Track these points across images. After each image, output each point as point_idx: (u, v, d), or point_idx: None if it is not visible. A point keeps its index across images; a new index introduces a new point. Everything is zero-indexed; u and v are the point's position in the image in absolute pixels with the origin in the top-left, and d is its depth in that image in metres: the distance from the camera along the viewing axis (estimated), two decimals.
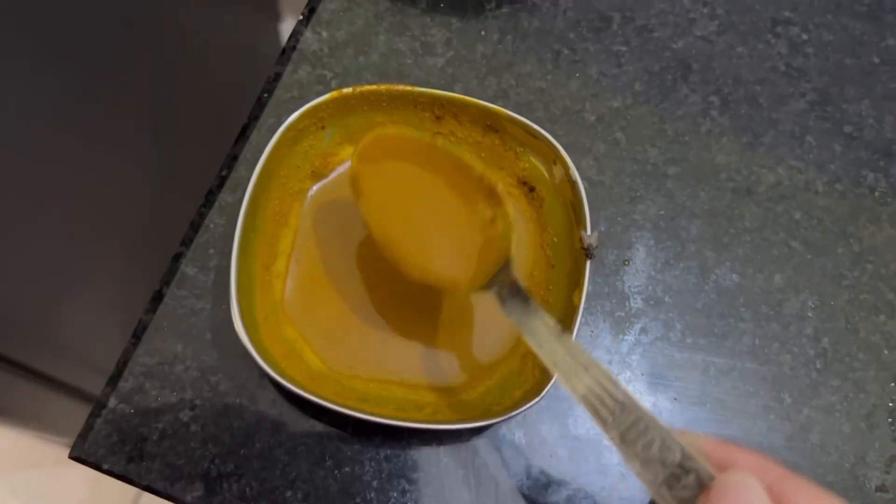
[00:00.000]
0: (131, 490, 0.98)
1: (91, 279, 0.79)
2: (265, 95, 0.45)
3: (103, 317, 0.87)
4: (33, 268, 0.66)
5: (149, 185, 0.86)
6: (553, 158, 0.41)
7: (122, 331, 0.94)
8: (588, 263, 0.39)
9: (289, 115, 0.41)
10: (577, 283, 0.38)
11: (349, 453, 0.39)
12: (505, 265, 0.34)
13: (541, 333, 0.31)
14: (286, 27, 1.19)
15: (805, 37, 0.49)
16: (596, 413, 0.27)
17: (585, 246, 0.39)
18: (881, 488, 0.40)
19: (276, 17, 1.16)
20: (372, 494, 0.38)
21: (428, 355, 0.40)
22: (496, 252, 0.35)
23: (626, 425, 0.26)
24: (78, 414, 0.93)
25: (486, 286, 0.34)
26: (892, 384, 0.42)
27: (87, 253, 0.76)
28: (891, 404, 0.42)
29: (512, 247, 0.35)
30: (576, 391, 0.28)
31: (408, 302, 0.41)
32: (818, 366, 0.42)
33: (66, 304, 0.76)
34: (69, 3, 0.56)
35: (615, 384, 0.27)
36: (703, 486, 0.24)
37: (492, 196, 0.36)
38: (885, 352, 0.43)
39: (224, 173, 0.43)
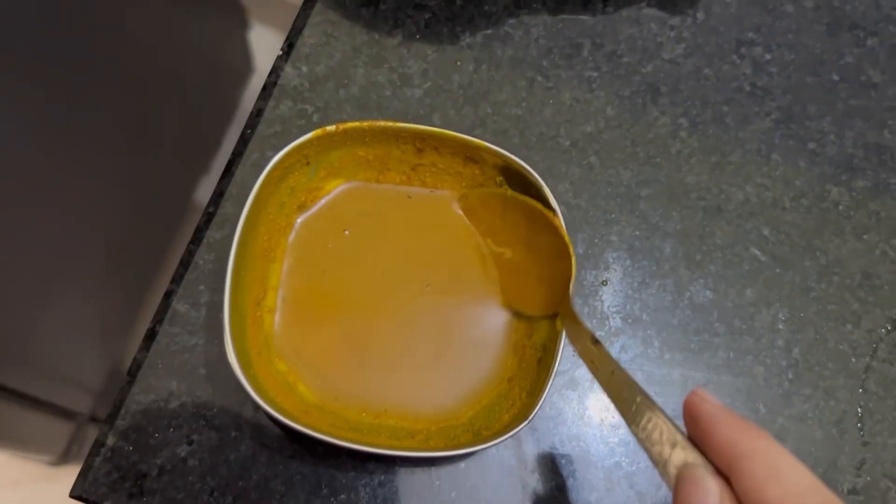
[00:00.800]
0: None
1: (64, 295, 0.79)
2: (248, 131, 0.46)
3: (78, 332, 0.87)
4: (4, 285, 0.66)
5: (120, 198, 0.86)
6: (533, 190, 0.42)
7: (97, 345, 0.94)
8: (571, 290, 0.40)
9: (272, 150, 0.43)
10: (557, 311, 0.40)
11: (344, 481, 0.40)
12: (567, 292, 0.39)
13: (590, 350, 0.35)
14: (254, 36, 1.19)
15: (768, 56, 0.51)
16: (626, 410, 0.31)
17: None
18: (853, 491, 0.42)
19: (243, 26, 1.16)
20: None
21: (417, 384, 0.41)
22: (565, 278, 0.40)
23: (644, 420, 0.29)
24: (55, 430, 0.94)
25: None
26: (860, 390, 0.44)
27: (61, 269, 0.76)
28: (859, 410, 0.44)
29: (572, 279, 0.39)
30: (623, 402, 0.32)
31: (395, 330, 0.43)
32: (790, 376, 0.44)
33: (40, 320, 0.76)
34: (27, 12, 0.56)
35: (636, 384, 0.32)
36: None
37: (552, 230, 0.41)
38: (853, 360, 0.45)
39: (211, 210, 0.44)
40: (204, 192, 1.15)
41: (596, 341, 0.34)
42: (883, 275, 0.47)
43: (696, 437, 0.26)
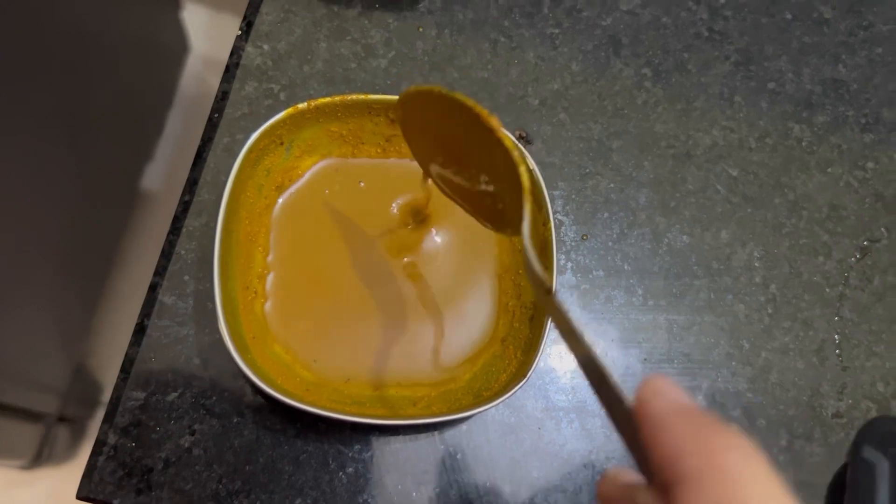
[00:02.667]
0: None
1: (19, 296, 0.77)
2: (216, 115, 0.45)
3: (37, 332, 0.86)
4: None
5: (66, 193, 0.84)
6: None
7: (58, 344, 0.93)
8: (555, 248, 0.41)
9: (242, 133, 0.42)
10: (545, 267, 0.41)
11: (350, 454, 0.40)
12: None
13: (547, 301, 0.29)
14: (187, 15, 1.17)
15: (722, 0, 0.52)
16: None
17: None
18: (836, 415, 0.44)
19: (175, 6, 1.13)
20: (377, 490, 0.40)
21: (414, 352, 0.42)
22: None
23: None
24: (25, 434, 0.92)
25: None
26: (836, 318, 0.46)
27: (12, 270, 0.74)
28: (836, 337, 0.46)
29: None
30: (574, 351, 0.27)
31: (386, 301, 0.43)
32: (769, 311, 0.46)
33: None
34: None
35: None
36: None
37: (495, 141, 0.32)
38: (827, 290, 0.47)
39: (186, 198, 0.44)
40: (150, 179, 1.12)
41: (549, 292, 0.28)
42: (848, 205, 0.48)
43: (646, 437, 0.21)
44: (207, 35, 1.26)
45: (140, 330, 0.41)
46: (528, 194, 0.30)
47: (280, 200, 0.43)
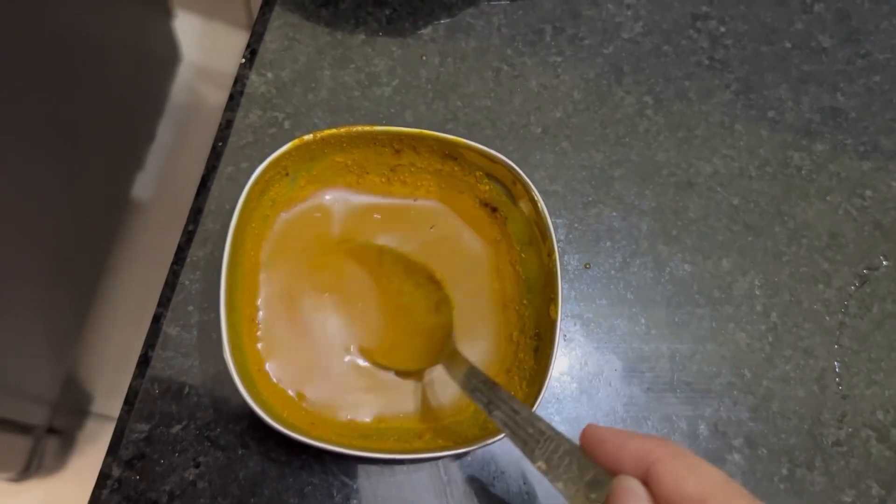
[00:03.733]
0: None
1: (8, 307, 0.77)
2: (220, 144, 0.45)
3: (26, 344, 0.85)
4: None
5: (56, 202, 0.84)
6: (512, 179, 0.43)
7: (47, 355, 0.92)
8: (560, 279, 0.41)
9: (246, 161, 0.42)
10: (551, 298, 0.41)
11: (356, 486, 0.40)
12: (450, 340, 0.40)
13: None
14: (179, 24, 1.16)
15: (723, 29, 0.53)
16: (524, 445, 0.31)
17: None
18: (836, 443, 0.45)
19: (166, 15, 1.13)
20: None
21: (418, 383, 0.42)
22: (444, 330, 0.41)
23: (549, 452, 0.30)
24: (14, 446, 0.91)
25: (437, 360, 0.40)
26: (836, 346, 0.47)
27: (2, 278, 0.74)
28: (836, 365, 0.46)
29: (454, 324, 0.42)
30: (505, 427, 0.33)
31: (387, 333, 0.43)
32: (770, 339, 0.46)
33: None
34: None
35: (537, 417, 0.32)
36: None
37: (433, 282, 0.43)
38: (827, 318, 0.47)
39: (190, 228, 0.44)
40: (140, 188, 1.12)
41: (492, 384, 0.35)
42: (847, 233, 0.49)
43: (606, 456, 0.28)
44: (200, 44, 1.26)
45: (144, 361, 0.41)
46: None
47: (272, 230, 0.44)
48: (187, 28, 1.22)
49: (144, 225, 1.10)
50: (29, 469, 0.99)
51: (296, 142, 0.41)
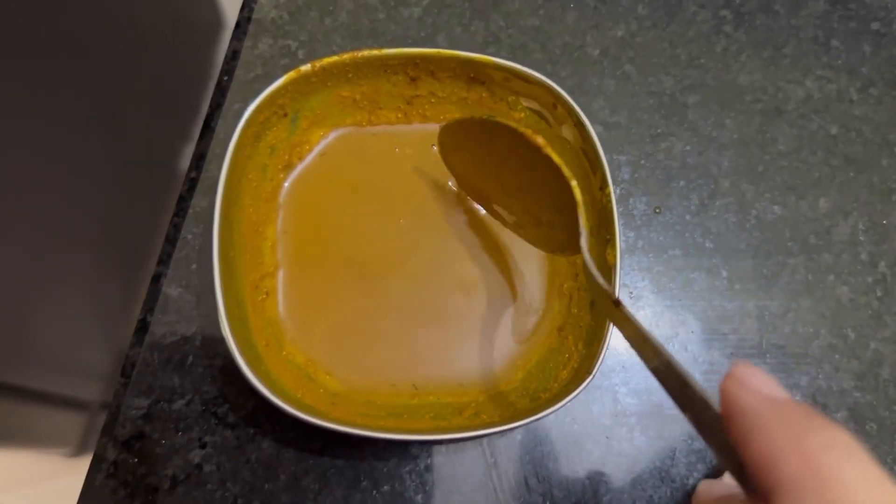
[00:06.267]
0: None
1: (60, 282, 0.74)
2: (225, 78, 0.39)
3: (78, 319, 0.83)
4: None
5: (104, 175, 0.81)
6: (552, 102, 0.35)
7: (99, 331, 0.90)
8: (616, 215, 0.34)
9: (256, 97, 0.36)
10: (607, 240, 0.34)
11: (385, 470, 0.35)
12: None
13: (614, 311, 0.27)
14: None
15: None
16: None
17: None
18: None
19: None
20: None
21: (455, 350, 0.35)
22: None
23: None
24: (69, 422, 0.90)
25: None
26: None
27: (53, 256, 0.71)
28: None
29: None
30: (650, 362, 0.24)
31: (414, 293, 0.36)
32: (878, 293, 0.39)
33: (39, 312, 0.71)
34: None
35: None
36: None
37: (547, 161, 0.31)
38: None
39: (193, 175, 0.38)
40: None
41: (617, 303, 0.26)
42: None
43: (736, 440, 0.18)
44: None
45: (142, 327, 0.36)
46: (582, 207, 0.29)
47: (286, 184, 0.37)
48: None
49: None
50: (85, 444, 0.98)
51: (291, 74, 0.34)
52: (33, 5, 0.58)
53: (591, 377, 0.31)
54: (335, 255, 0.36)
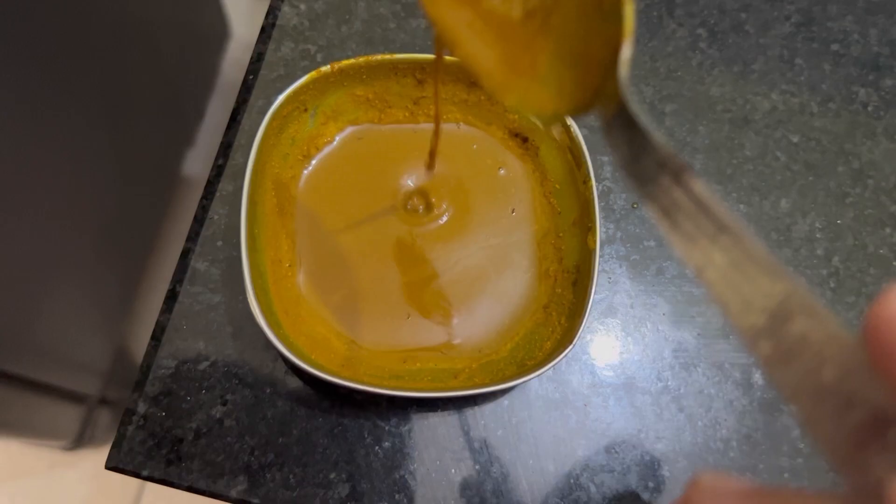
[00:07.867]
0: (132, 487, 0.98)
1: (62, 279, 0.77)
2: (251, 77, 0.44)
3: (79, 315, 0.86)
4: (4, 274, 0.64)
5: (107, 177, 0.84)
6: None
7: (100, 327, 0.93)
8: (597, 206, 0.38)
9: (278, 94, 0.40)
10: (588, 228, 0.38)
11: (387, 428, 0.39)
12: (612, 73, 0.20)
13: (669, 195, 0.18)
14: (229, 2, 1.16)
15: None
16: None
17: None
18: None
19: None
20: (414, 465, 0.38)
21: (453, 322, 0.40)
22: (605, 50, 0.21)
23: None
24: (67, 415, 0.92)
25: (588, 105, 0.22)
26: None
27: (55, 252, 0.74)
28: None
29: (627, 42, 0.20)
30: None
31: (421, 271, 0.41)
32: (832, 285, 0.43)
33: (42, 306, 0.74)
34: None
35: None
36: None
37: None
38: (894, 263, 0.44)
39: (220, 162, 0.42)
40: (191, 165, 1.12)
41: (681, 170, 0.17)
42: None
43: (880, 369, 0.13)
44: (250, 21, 1.24)
45: (172, 296, 0.40)
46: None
47: (305, 172, 0.42)
48: (237, 4, 1.21)
49: (194, 201, 1.10)
50: (82, 438, 0.99)
51: (313, 74, 0.39)
52: (45, 11, 0.62)
53: (571, 346, 0.36)
54: (347, 235, 0.41)
